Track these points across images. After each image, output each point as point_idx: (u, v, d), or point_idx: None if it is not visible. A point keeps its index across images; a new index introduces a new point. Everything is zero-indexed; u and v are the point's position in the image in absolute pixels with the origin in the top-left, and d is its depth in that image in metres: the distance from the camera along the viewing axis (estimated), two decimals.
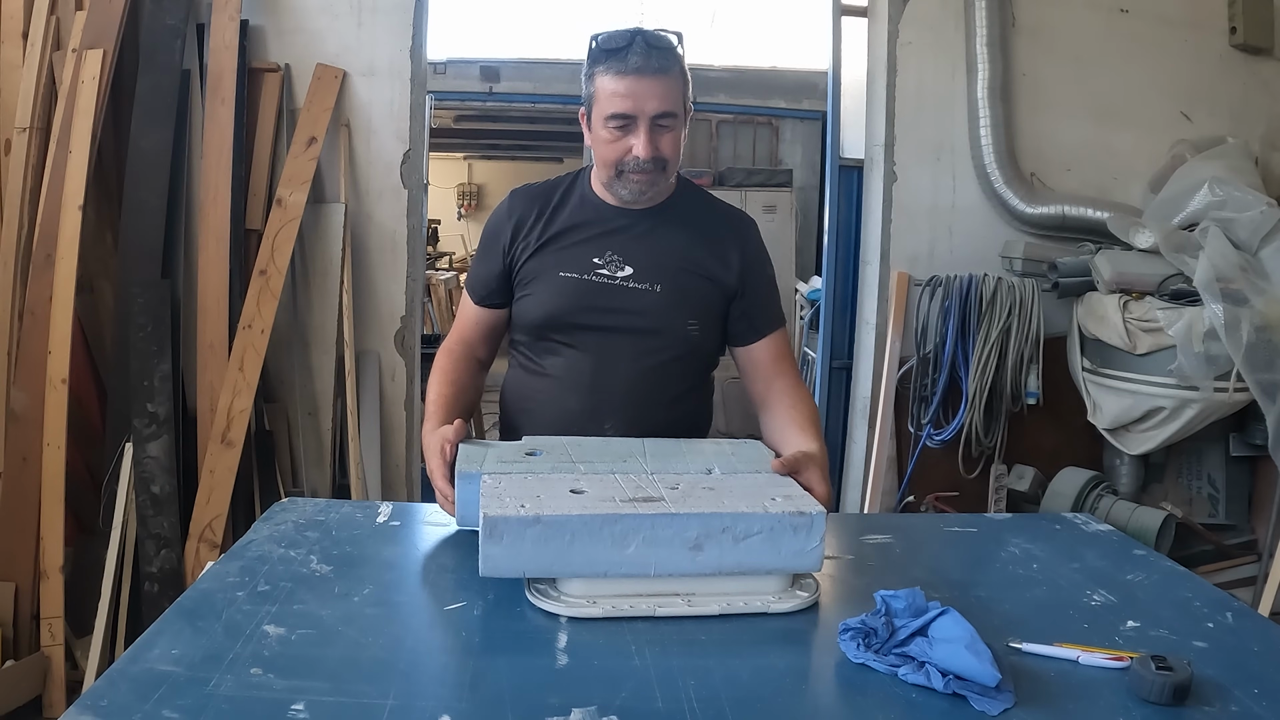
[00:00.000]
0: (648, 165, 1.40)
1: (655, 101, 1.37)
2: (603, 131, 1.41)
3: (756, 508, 1.07)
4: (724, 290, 1.51)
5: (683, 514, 1.05)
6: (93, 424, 2.72)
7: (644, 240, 1.48)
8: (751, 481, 1.19)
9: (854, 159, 3.35)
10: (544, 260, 1.49)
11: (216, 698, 0.84)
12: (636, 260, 1.47)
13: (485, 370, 1.61)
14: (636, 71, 1.36)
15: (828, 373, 3.44)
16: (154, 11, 2.72)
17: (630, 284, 1.46)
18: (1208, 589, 1.22)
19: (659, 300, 1.46)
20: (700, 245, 1.51)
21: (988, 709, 0.87)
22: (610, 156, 1.42)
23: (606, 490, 1.12)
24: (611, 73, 1.37)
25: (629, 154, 1.40)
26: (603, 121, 1.40)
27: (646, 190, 1.45)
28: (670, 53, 1.39)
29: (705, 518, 1.05)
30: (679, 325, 1.48)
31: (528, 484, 1.13)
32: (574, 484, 1.14)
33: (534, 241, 1.50)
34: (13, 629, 2.45)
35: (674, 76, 1.39)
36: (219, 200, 2.71)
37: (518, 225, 1.51)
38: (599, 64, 1.39)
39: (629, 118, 1.38)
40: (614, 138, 1.40)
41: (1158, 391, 2.74)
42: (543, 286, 1.48)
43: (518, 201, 1.54)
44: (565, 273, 1.47)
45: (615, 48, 1.37)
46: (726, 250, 1.52)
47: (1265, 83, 3.26)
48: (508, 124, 9.01)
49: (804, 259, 6.74)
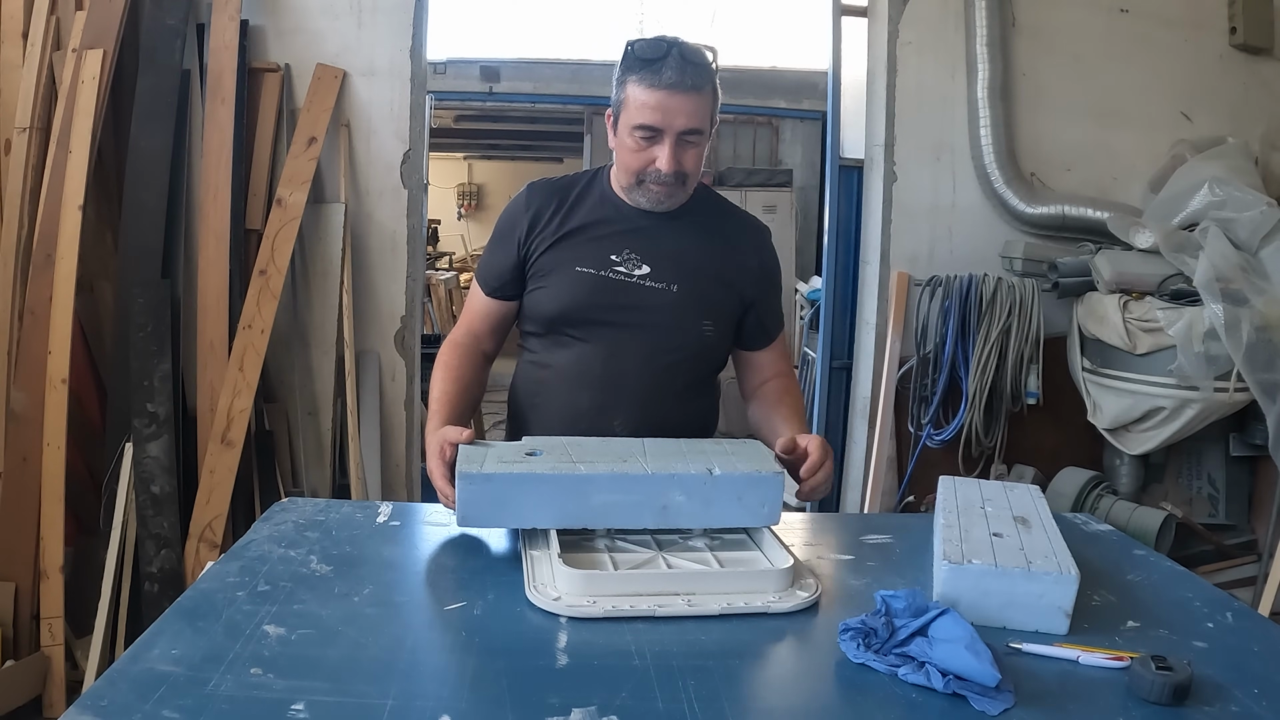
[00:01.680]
0: (669, 179, 1.42)
1: (684, 118, 1.39)
2: (628, 139, 1.42)
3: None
4: (740, 296, 1.54)
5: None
6: (93, 424, 2.72)
7: (662, 241, 1.49)
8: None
9: (854, 159, 3.35)
10: (560, 254, 1.49)
11: (216, 698, 0.84)
12: (654, 260, 1.48)
13: (490, 365, 1.60)
14: (670, 86, 1.37)
15: (828, 373, 3.44)
16: (154, 11, 2.72)
17: (647, 283, 1.47)
18: (1208, 589, 1.22)
19: (675, 300, 1.48)
20: (718, 250, 1.53)
21: (988, 709, 0.87)
22: (633, 165, 1.44)
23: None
24: (644, 84, 1.38)
25: (652, 165, 1.42)
26: (629, 130, 1.41)
27: (664, 201, 1.47)
28: (704, 69, 1.40)
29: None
30: (694, 326, 1.50)
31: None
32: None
33: (551, 235, 1.50)
34: (13, 629, 2.45)
35: (705, 94, 1.40)
36: (219, 200, 2.71)
37: (535, 218, 1.51)
38: (633, 72, 1.40)
39: (656, 130, 1.39)
40: (639, 147, 1.41)
41: (1158, 391, 2.74)
42: (558, 280, 1.49)
43: (535, 194, 1.54)
44: (582, 268, 1.47)
45: (651, 58, 1.38)
46: (744, 257, 1.55)
47: (1265, 83, 3.26)
48: (508, 124, 9.02)
49: (804, 259, 6.74)
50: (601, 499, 1.17)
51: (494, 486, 1.16)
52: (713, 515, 1.20)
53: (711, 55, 1.43)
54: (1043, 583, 1.03)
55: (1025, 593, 1.04)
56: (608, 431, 1.42)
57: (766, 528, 1.24)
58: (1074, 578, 1.03)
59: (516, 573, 1.14)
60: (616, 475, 1.17)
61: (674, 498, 1.18)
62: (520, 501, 1.16)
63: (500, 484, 1.16)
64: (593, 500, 1.16)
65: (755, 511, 1.21)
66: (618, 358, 1.48)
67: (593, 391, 1.48)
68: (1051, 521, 1.22)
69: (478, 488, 1.16)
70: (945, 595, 1.04)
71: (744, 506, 1.20)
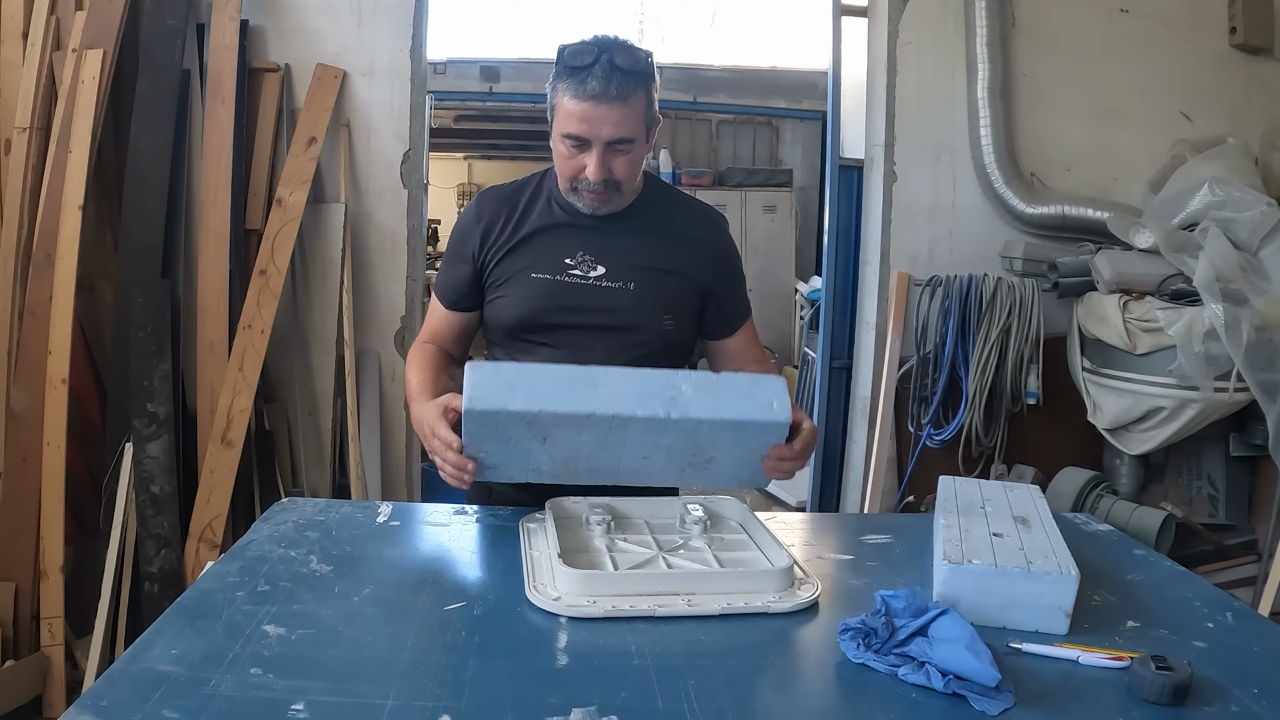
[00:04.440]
0: (598, 187, 1.42)
1: (610, 128, 1.37)
2: (560, 146, 1.42)
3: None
4: (697, 286, 1.53)
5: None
6: (93, 424, 2.72)
7: (615, 240, 1.49)
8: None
9: (854, 159, 3.35)
10: (515, 262, 1.49)
11: (216, 698, 0.84)
12: (608, 260, 1.48)
13: (460, 366, 1.60)
14: (594, 97, 1.35)
15: (828, 373, 3.44)
16: (154, 11, 2.72)
17: (604, 283, 1.47)
18: (1208, 589, 1.22)
19: (633, 298, 1.47)
20: (672, 242, 1.52)
21: (988, 709, 0.87)
22: (566, 171, 1.44)
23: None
24: (570, 93, 1.37)
25: (582, 172, 1.42)
26: (559, 137, 1.41)
27: (600, 207, 1.46)
28: (635, 76, 1.38)
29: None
30: (654, 321, 1.49)
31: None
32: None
33: (505, 244, 1.50)
34: (13, 629, 2.45)
35: (633, 103, 1.38)
36: (219, 200, 2.71)
37: (487, 229, 1.51)
38: (561, 79, 1.39)
39: (583, 140, 1.39)
40: (570, 154, 1.41)
41: (1158, 391, 2.74)
42: (515, 288, 1.49)
43: (485, 205, 1.54)
44: (537, 274, 1.47)
45: (578, 65, 1.37)
46: (700, 247, 1.54)
47: (1265, 83, 3.26)
48: (508, 124, 9.00)
49: (804, 259, 6.75)
50: (611, 388, 1.17)
51: (504, 371, 1.19)
52: (722, 407, 1.19)
53: (646, 58, 1.40)
54: (1043, 583, 1.03)
55: (1025, 593, 1.04)
56: None
57: (765, 528, 1.24)
58: (1074, 578, 1.03)
59: (516, 573, 1.14)
60: (626, 370, 1.21)
61: (682, 389, 1.18)
62: (530, 384, 1.17)
63: (510, 370, 1.20)
64: (602, 389, 1.17)
65: (764, 407, 1.20)
66: (582, 359, 1.46)
67: None
68: (1051, 521, 1.22)
69: (489, 372, 1.18)
70: (945, 595, 1.04)
71: (753, 402, 1.20)
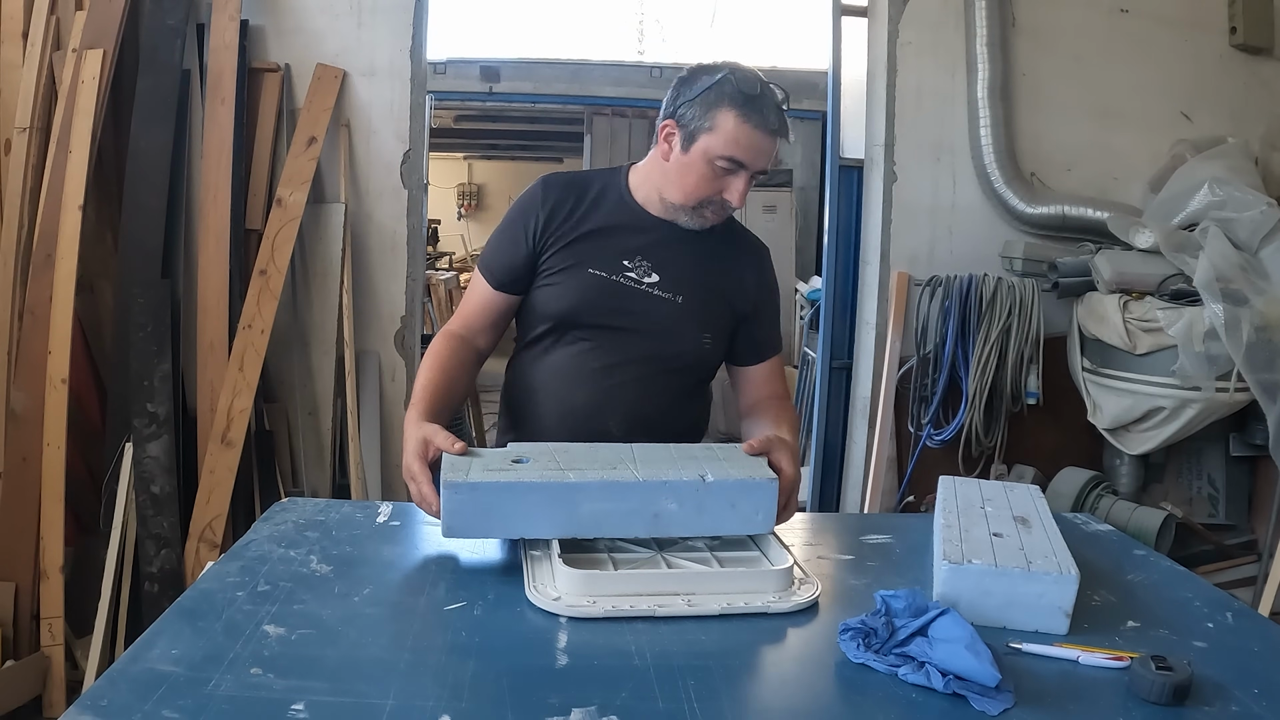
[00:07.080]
0: (730, 209, 1.46)
1: (764, 159, 1.42)
2: (703, 165, 1.42)
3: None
4: (736, 311, 1.55)
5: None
6: (93, 424, 2.72)
7: (674, 251, 1.50)
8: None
9: (854, 159, 3.34)
10: (575, 253, 1.49)
11: (216, 698, 0.84)
12: (664, 269, 1.49)
13: (480, 364, 1.58)
14: (771, 131, 1.39)
15: (828, 373, 3.44)
16: (154, 11, 2.72)
17: (655, 291, 1.48)
18: (1208, 589, 1.22)
19: (679, 310, 1.49)
20: (722, 265, 1.54)
21: (988, 709, 0.87)
22: (699, 190, 1.44)
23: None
24: (748, 121, 1.38)
25: (719, 194, 1.43)
26: (710, 157, 1.41)
27: (711, 224, 1.49)
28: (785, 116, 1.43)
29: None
30: (694, 337, 1.51)
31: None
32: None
33: (567, 233, 1.49)
34: (13, 629, 2.45)
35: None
36: (219, 200, 2.71)
37: (552, 213, 1.50)
38: (735, 105, 1.39)
39: (741, 165, 1.41)
40: (714, 175, 1.42)
41: (1158, 391, 2.74)
42: (570, 279, 1.48)
43: (552, 190, 1.52)
44: (595, 270, 1.48)
45: (753, 94, 1.39)
46: (744, 273, 1.57)
47: (1265, 83, 3.26)
48: (508, 124, 9.01)
49: (804, 259, 6.74)
50: (591, 507, 1.14)
51: (480, 496, 1.12)
52: (706, 523, 1.17)
53: (782, 95, 1.44)
54: (1043, 583, 1.03)
55: (1025, 593, 1.04)
56: (603, 430, 1.43)
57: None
58: (1074, 578, 1.03)
59: (516, 573, 1.14)
60: (606, 483, 1.15)
61: (666, 505, 1.15)
62: (508, 511, 1.13)
63: (486, 493, 1.12)
64: (582, 509, 1.14)
65: (749, 519, 1.18)
66: (617, 361, 1.48)
67: (589, 391, 1.48)
68: (1051, 521, 1.22)
69: (464, 497, 1.13)
70: (945, 595, 1.04)
71: (738, 514, 1.17)
